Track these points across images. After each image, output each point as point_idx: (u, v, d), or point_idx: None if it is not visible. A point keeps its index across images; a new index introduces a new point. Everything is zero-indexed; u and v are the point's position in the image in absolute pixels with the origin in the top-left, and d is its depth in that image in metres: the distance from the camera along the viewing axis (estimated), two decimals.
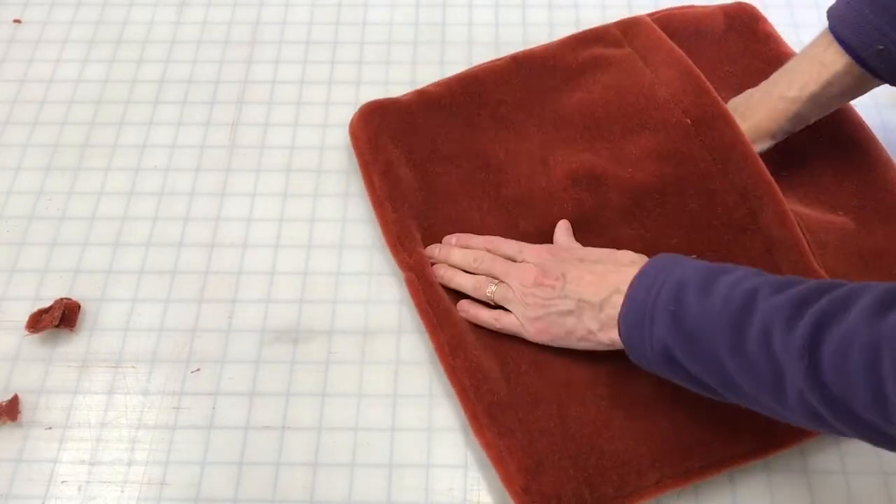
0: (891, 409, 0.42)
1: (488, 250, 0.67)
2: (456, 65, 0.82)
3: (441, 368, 0.63)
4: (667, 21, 0.80)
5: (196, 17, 0.87)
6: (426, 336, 0.65)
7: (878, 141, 0.74)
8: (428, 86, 0.77)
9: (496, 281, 0.65)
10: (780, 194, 0.67)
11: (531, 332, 0.63)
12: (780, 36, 0.81)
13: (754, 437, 0.59)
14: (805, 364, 0.46)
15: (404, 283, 0.67)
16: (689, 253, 0.66)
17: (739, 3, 0.83)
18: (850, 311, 0.45)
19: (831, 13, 0.68)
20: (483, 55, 0.83)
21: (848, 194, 0.72)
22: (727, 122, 0.69)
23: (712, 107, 0.70)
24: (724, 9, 0.82)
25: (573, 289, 0.60)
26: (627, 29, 0.78)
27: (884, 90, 0.69)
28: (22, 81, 0.82)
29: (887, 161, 0.73)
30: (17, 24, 0.87)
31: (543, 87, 0.77)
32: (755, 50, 0.80)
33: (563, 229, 0.69)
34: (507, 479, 0.58)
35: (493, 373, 0.62)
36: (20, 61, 0.84)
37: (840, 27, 0.66)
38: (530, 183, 0.71)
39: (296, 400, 0.64)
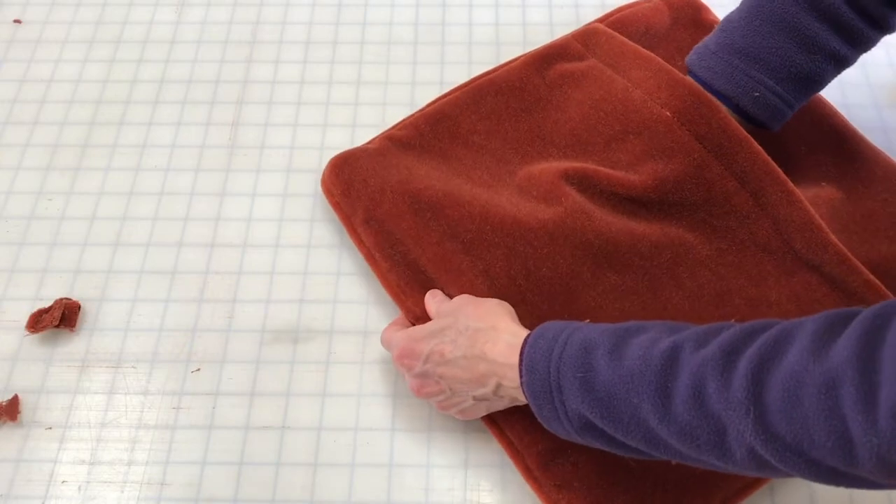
0: (857, 450, 0.39)
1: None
2: (456, 65, 0.82)
3: None
4: (620, 24, 0.79)
5: (196, 17, 0.87)
6: None
7: (841, 115, 0.75)
8: (393, 128, 0.75)
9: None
10: (781, 173, 0.66)
11: (458, 416, 0.61)
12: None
13: None
14: (752, 417, 0.42)
15: None
16: (697, 248, 0.66)
17: None
18: (787, 351, 0.42)
19: (697, 66, 0.69)
20: (483, 55, 0.83)
21: (827, 166, 0.72)
22: (711, 108, 0.67)
23: (691, 95, 0.68)
24: (667, 2, 0.82)
25: (458, 389, 0.58)
26: (587, 39, 0.77)
27: (884, 91, 0.69)
28: (22, 81, 0.82)
29: (854, 132, 0.74)
30: (17, 24, 0.87)
31: (513, 111, 0.75)
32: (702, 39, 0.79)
33: (428, 298, 0.64)
34: None
35: (533, 417, 0.57)
36: (20, 61, 0.84)
37: (714, 79, 0.68)
38: (520, 201, 0.68)
39: (296, 400, 0.64)
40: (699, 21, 0.81)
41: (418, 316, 0.64)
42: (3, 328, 0.68)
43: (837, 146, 0.73)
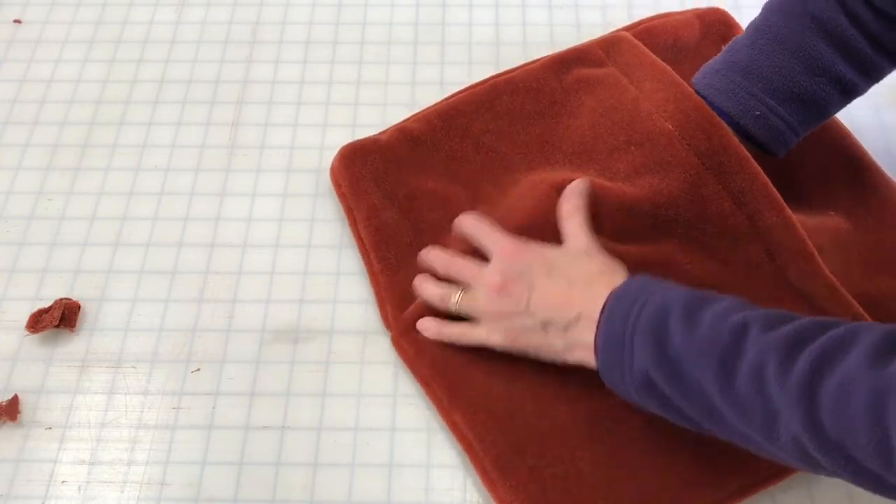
0: (895, 458, 0.41)
1: (469, 237, 0.64)
2: (456, 65, 0.82)
3: None
4: (647, 35, 0.78)
5: (196, 17, 0.87)
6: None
7: (859, 144, 0.74)
8: (407, 121, 0.75)
9: (462, 288, 0.62)
10: (779, 197, 0.65)
11: (497, 342, 0.61)
12: None
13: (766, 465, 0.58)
14: (803, 407, 0.44)
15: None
16: (687, 268, 0.64)
17: (713, 9, 0.82)
18: (849, 353, 0.44)
19: (701, 84, 0.68)
20: (483, 55, 0.83)
21: (838, 195, 0.71)
22: (713, 124, 0.66)
23: (695, 110, 0.67)
24: (699, 15, 0.81)
25: (538, 305, 0.57)
26: (610, 47, 0.76)
27: (883, 90, 0.69)
28: (22, 81, 0.82)
29: (871, 163, 0.72)
30: (17, 24, 0.87)
31: (527, 113, 0.75)
32: None
33: (575, 217, 0.63)
34: None
35: (495, 420, 0.60)
36: (20, 61, 0.84)
37: (715, 96, 0.67)
38: (520, 212, 0.68)
39: (296, 400, 0.64)
40: (729, 37, 0.78)
41: (393, 326, 0.65)
42: (3, 328, 0.68)
43: (852, 176, 0.72)
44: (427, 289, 0.64)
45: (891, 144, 0.75)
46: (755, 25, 0.67)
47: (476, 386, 0.62)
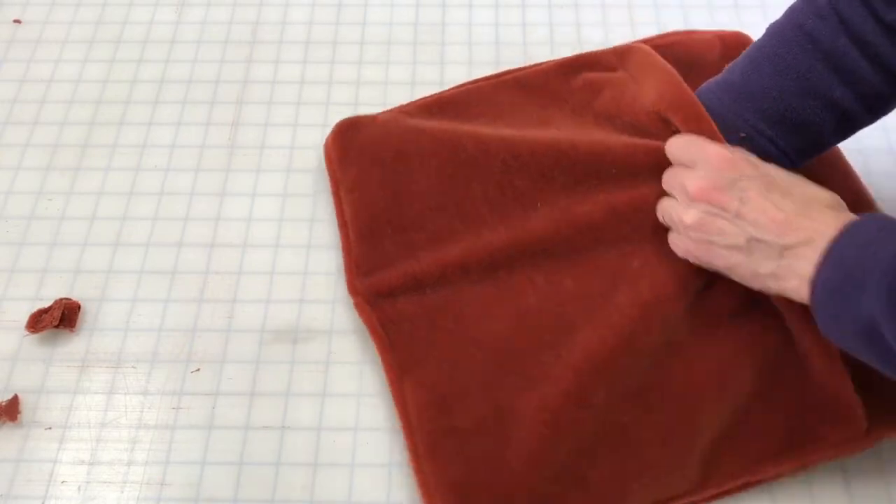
0: None
1: (678, 160, 0.59)
2: (456, 65, 0.82)
3: None
4: (666, 50, 0.75)
5: (196, 17, 0.87)
6: None
7: (867, 190, 0.70)
8: (406, 105, 0.76)
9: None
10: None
11: (683, 250, 0.57)
12: None
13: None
14: None
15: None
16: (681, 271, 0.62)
17: (736, 32, 0.79)
18: None
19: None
20: (483, 55, 0.83)
21: None
22: (700, 118, 0.63)
23: (690, 107, 0.64)
24: (721, 37, 0.78)
25: (751, 218, 0.52)
26: (624, 55, 0.75)
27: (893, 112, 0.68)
28: (22, 81, 0.82)
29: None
30: (17, 24, 0.87)
31: (529, 107, 0.74)
32: None
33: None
34: None
35: (441, 395, 0.60)
36: (20, 61, 0.84)
37: None
38: (501, 178, 0.68)
39: (296, 400, 0.64)
40: None
41: (359, 292, 0.65)
42: (3, 328, 0.68)
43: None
44: (659, 204, 0.61)
45: (890, 144, 0.75)
46: (756, 45, 0.64)
47: (435, 356, 0.62)
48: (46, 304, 0.68)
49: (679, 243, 0.58)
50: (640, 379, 0.60)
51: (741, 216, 0.53)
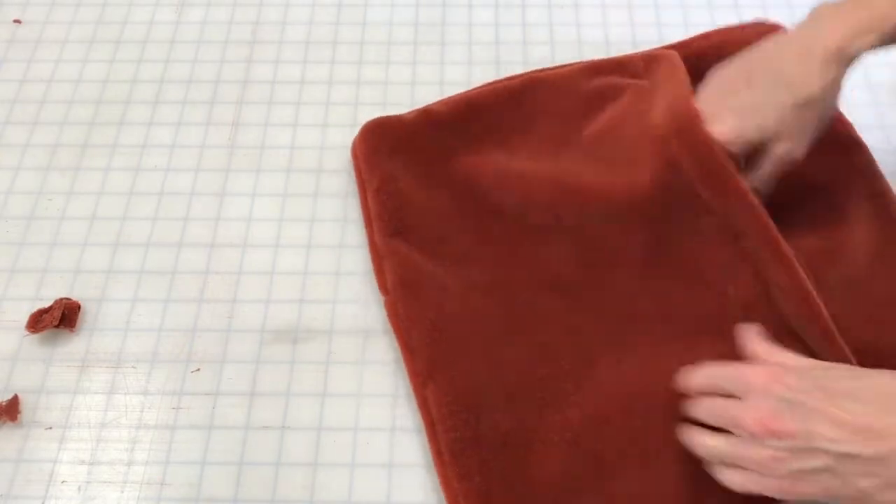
0: None
1: (712, 389, 0.53)
2: (456, 65, 0.82)
3: None
4: (698, 58, 0.72)
5: (196, 17, 0.87)
6: None
7: (882, 175, 0.70)
8: (433, 104, 0.75)
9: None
10: (774, 229, 0.61)
11: (770, 490, 0.49)
12: None
13: None
14: None
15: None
16: (680, 309, 0.63)
17: (774, 24, 0.76)
18: None
19: None
20: (483, 55, 0.83)
21: (851, 223, 0.66)
22: (703, 142, 0.62)
23: (684, 117, 0.64)
24: (758, 31, 0.72)
25: (827, 437, 0.45)
26: (651, 61, 0.73)
27: (883, 90, 0.69)
28: (22, 81, 0.82)
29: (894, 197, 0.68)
30: (17, 24, 0.87)
31: (552, 112, 0.74)
32: None
33: (755, 336, 0.55)
34: None
35: (464, 406, 0.60)
36: (20, 61, 0.84)
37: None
38: (516, 212, 0.68)
39: (296, 400, 0.64)
40: None
41: (389, 291, 0.65)
42: (3, 328, 0.68)
43: (872, 209, 0.67)
44: (700, 440, 0.53)
45: (890, 144, 0.75)
46: None
47: (460, 368, 0.62)
48: (46, 304, 0.68)
49: (759, 484, 0.49)
50: (664, 404, 0.59)
51: (813, 435, 0.46)
